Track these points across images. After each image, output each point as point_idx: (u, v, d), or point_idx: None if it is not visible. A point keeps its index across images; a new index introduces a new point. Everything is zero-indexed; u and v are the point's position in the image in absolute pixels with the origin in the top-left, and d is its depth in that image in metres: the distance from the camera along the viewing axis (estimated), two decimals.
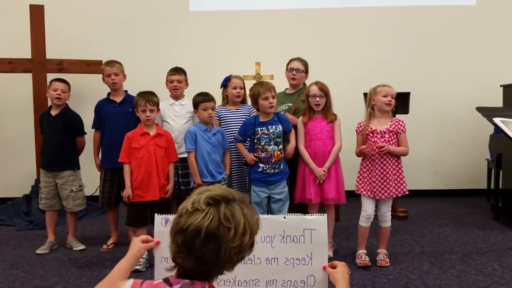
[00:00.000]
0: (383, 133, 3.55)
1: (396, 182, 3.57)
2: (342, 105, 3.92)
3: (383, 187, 3.54)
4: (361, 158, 3.72)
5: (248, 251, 1.35)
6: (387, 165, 3.54)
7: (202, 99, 3.70)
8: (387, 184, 3.54)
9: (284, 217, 1.92)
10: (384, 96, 3.54)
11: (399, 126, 3.59)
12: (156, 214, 1.92)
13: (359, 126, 3.68)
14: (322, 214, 1.92)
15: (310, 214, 1.92)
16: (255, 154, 3.70)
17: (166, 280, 1.35)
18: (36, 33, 5.26)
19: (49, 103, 4.31)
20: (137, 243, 1.75)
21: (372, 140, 3.57)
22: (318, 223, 1.89)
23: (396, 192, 3.58)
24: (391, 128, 3.56)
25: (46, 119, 4.19)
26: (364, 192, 3.61)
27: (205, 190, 1.35)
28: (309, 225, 1.88)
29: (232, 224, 1.29)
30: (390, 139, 3.55)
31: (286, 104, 4.17)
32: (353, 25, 6.13)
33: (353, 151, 3.73)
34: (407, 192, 3.65)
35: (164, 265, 1.77)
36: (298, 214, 1.97)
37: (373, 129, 3.58)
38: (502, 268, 3.53)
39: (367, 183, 3.60)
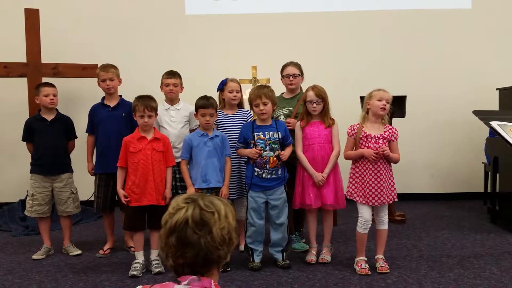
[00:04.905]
0: (377, 138, 3.53)
1: (388, 188, 3.56)
2: (336, 108, 3.90)
3: (377, 193, 3.51)
4: (350, 161, 3.69)
5: (235, 234, 1.46)
6: (381, 171, 3.52)
7: (201, 103, 3.66)
8: (381, 190, 3.51)
9: None
10: (379, 100, 3.52)
11: (393, 133, 3.59)
12: None
13: (351, 129, 3.64)
14: None
15: None
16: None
17: (174, 280, 1.40)
18: (31, 37, 5.22)
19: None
20: None
21: (366, 144, 3.54)
22: None
23: (389, 199, 3.57)
24: (385, 135, 3.55)
25: (40, 124, 4.16)
26: (358, 198, 3.59)
27: (180, 195, 1.48)
28: None
29: (213, 208, 1.41)
30: (383, 145, 3.54)
31: (287, 108, 4.15)
32: (349, 29, 6.13)
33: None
34: (396, 199, 3.66)
35: None
36: None
37: (367, 133, 3.56)
38: (500, 271, 3.53)
39: (360, 188, 3.57)
